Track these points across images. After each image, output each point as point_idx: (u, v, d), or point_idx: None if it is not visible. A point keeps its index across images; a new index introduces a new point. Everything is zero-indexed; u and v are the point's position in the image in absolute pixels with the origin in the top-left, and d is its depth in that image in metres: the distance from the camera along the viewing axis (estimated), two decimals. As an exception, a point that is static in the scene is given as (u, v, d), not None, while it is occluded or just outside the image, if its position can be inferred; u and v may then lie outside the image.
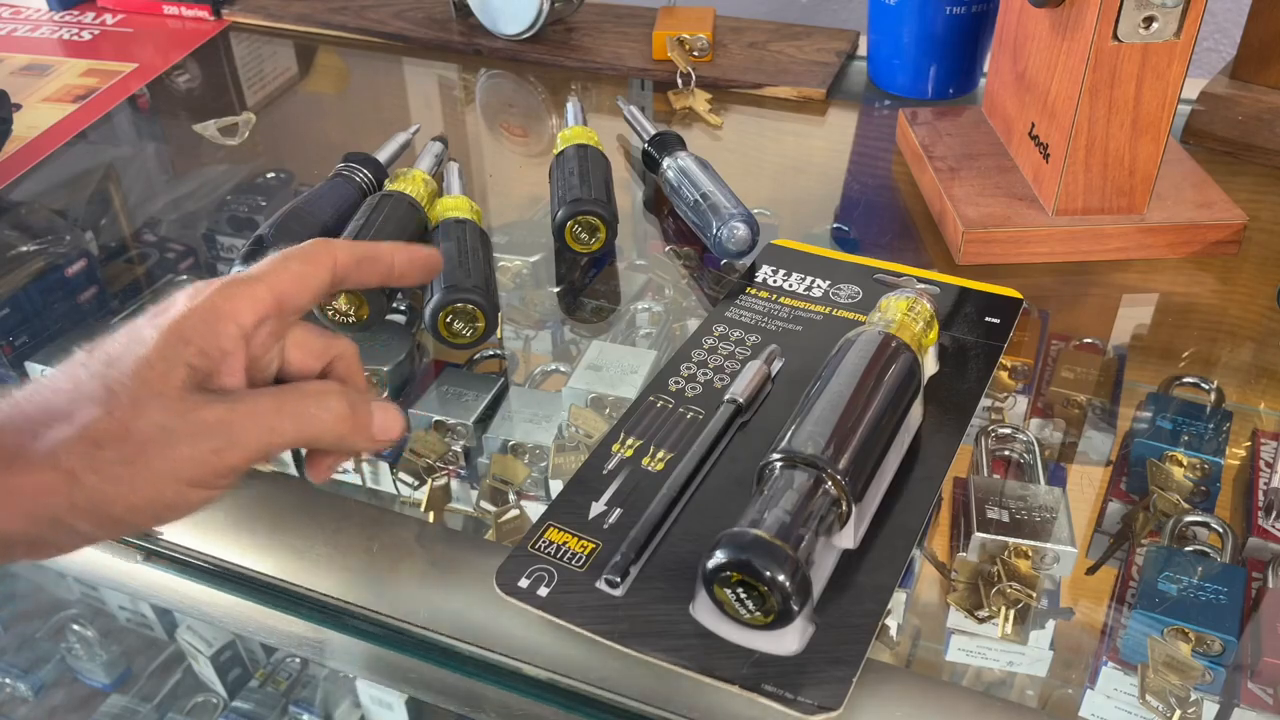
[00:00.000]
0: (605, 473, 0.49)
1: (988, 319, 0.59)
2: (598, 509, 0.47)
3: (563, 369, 0.60)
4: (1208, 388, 0.56)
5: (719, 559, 0.39)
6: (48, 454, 0.34)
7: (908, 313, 0.52)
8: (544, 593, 0.43)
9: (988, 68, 0.78)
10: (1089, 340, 0.60)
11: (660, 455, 0.50)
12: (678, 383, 0.54)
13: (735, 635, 0.41)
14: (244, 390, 0.38)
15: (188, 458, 0.35)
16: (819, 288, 0.61)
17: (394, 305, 0.62)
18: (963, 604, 0.45)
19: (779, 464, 0.43)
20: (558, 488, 0.50)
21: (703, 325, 0.59)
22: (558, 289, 0.67)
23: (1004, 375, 0.57)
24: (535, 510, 0.51)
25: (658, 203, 0.73)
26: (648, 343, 0.62)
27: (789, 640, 0.41)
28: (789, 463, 0.43)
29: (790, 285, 0.62)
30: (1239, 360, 0.59)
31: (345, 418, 0.39)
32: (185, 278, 0.69)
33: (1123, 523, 0.50)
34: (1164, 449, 0.50)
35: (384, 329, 0.60)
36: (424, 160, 0.72)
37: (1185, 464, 0.50)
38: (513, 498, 0.52)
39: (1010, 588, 0.45)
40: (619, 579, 0.43)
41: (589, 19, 0.97)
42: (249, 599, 0.48)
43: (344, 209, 0.65)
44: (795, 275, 0.62)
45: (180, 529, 0.49)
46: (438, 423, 0.55)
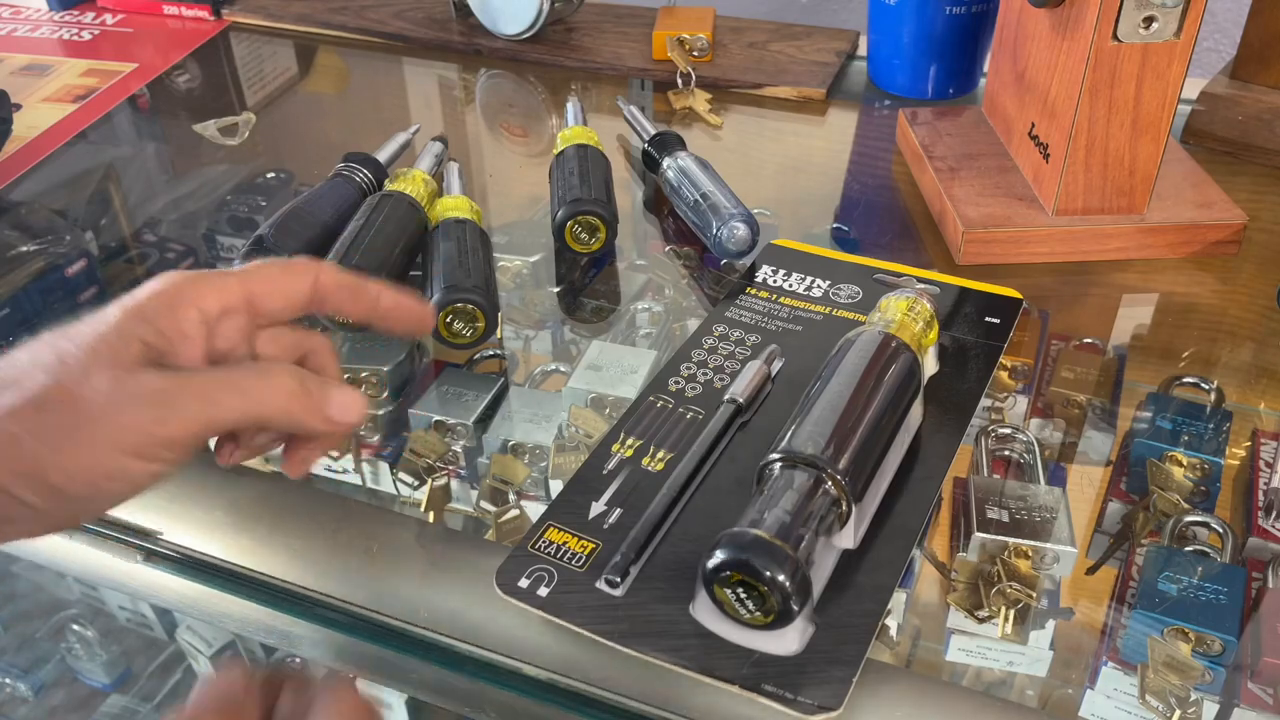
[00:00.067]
0: (605, 473, 0.49)
1: (988, 319, 0.59)
2: (598, 509, 0.47)
3: (563, 369, 0.60)
4: (1208, 388, 0.56)
5: (719, 559, 0.39)
6: None
7: (908, 313, 0.52)
8: (544, 593, 0.43)
9: (988, 68, 0.78)
10: (1089, 340, 0.60)
11: (660, 455, 0.50)
12: (678, 383, 0.54)
13: (735, 635, 0.41)
14: (195, 367, 0.38)
15: (127, 425, 0.35)
16: (819, 288, 0.61)
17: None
18: (963, 604, 0.45)
19: (779, 464, 0.43)
20: (558, 488, 0.50)
21: (703, 325, 0.59)
22: (558, 289, 0.67)
23: (1004, 375, 0.57)
24: (535, 510, 0.51)
25: (658, 203, 0.73)
26: (648, 343, 0.62)
27: (789, 640, 0.41)
28: (789, 463, 0.43)
29: (790, 285, 0.62)
30: (1239, 360, 0.59)
31: (295, 395, 0.38)
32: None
33: (1123, 523, 0.50)
34: (1164, 449, 0.50)
35: (384, 329, 0.60)
36: (424, 160, 0.72)
37: (1185, 464, 0.50)
38: (513, 498, 0.52)
39: (1010, 588, 0.45)
40: (619, 579, 0.43)
41: (589, 19, 0.97)
42: (249, 599, 0.48)
43: (344, 209, 0.65)
44: (795, 275, 0.62)
45: (180, 529, 0.49)
46: (438, 423, 0.55)
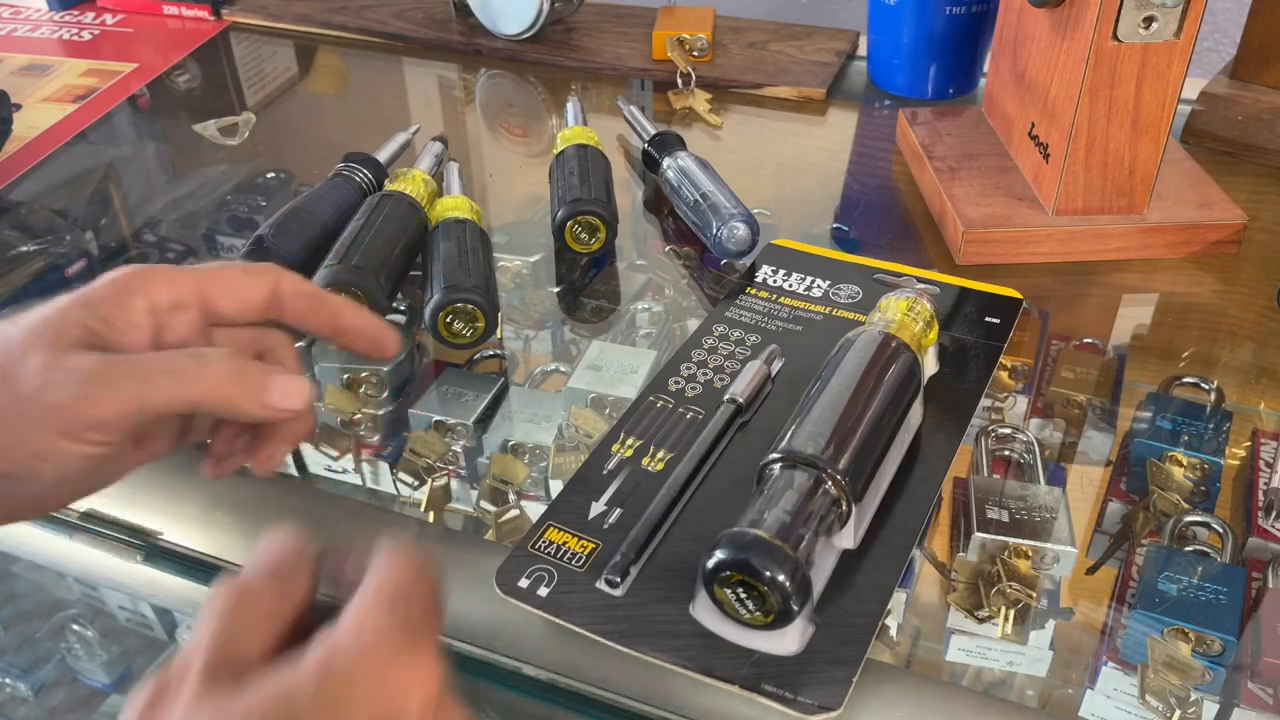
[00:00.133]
0: (605, 473, 0.49)
1: (988, 319, 0.59)
2: (598, 509, 0.47)
3: (563, 369, 0.60)
4: (1208, 388, 0.56)
5: (719, 559, 0.39)
6: None
7: (908, 313, 0.52)
8: (544, 593, 0.43)
9: (987, 68, 0.78)
10: (1089, 340, 0.60)
11: (660, 455, 0.50)
12: (678, 383, 0.54)
13: (735, 635, 0.41)
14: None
15: (56, 404, 0.35)
16: (819, 288, 0.61)
17: (394, 305, 0.62)
18: (963, 604, 0.45)
19: (779, 464, 0.43)
20: (558, 488, 0.50)
21: (703, 325, 0.59)
22: (558, 289, 0.67)
23: (1004, 375, 0.57)
24: (535, 510, 0.51)
25: (658, 203, 0.73)
26: (648, 343, 0.62)
27: (789, 640, 0.41)
28: (789, 463, 0.43)
29: (790, 285, 0.62)
30: (1239, 360, 0.59)
31: (229, 379, 0.38)
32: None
33: (1123, 523, 0.50)
34: (1164, 449, 0.50)
35: (384, 329, 0.60)
36: (424, 160, 0.72)
37: (1185, 464, 0.50)
38: (513, 498, 0.52)
39: (1010, 588, 0.45)
40: (619, 579, 0.43)
41: (589, 19, 0.97)
42: (249, 599, 0.48)
43: (344, 209, 0.65)
44: (795, 275, 0.62)
45: (180, 529, 0.49)
46: (438, 423, 0.55)
